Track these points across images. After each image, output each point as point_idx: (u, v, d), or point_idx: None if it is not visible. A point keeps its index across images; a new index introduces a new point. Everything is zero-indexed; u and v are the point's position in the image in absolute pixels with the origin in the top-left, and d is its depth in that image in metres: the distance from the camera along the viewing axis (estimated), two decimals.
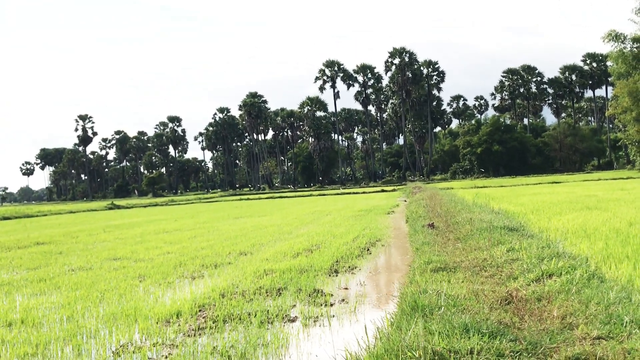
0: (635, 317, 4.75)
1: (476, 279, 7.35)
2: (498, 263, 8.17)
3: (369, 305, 7.88)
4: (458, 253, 9.59)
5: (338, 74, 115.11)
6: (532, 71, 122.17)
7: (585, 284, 6.17)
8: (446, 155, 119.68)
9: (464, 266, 8.32)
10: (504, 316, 5.33)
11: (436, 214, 18.35)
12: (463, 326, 4.82)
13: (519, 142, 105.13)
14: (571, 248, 9.03)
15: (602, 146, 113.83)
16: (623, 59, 64.59)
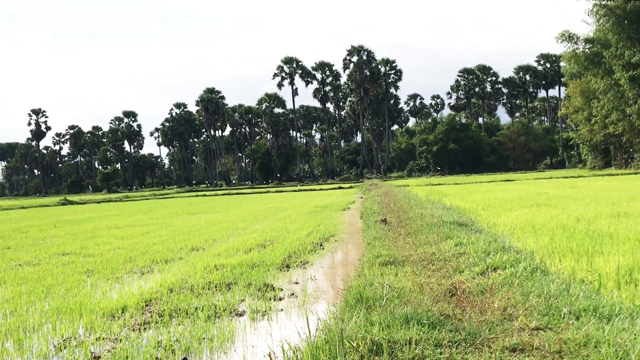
0: (573, 309, 4.84)
1: (423, 272, 7.42)
2: (446, 257, 8.27)
3: (317, 298, 7.90)
4: (408, 247, 9.68)
5: (296, 71, 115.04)
6: (487, 71, 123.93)
7: (528, 277, 6.27)
8: (403, 153, 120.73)
9: (412, 260, 8.39)
10: (447, 308, 5.39)
11: (390, 210, 18.48)
12: (404, 317, 4.86)
13: (474, 140, 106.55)
14: (518, 243, 9.18)
15: (555, 145, 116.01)
16: (576, 60, 65.73)
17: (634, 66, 58.87)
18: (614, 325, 4.33)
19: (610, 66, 61.55)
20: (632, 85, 58.45)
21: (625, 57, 59.52)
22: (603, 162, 76.30)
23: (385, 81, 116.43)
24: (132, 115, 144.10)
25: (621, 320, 4.48)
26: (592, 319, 4.54)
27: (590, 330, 4.23)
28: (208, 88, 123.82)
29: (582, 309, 4.81)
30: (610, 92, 63.65)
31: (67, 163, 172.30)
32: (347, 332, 4.51)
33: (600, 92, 65.85)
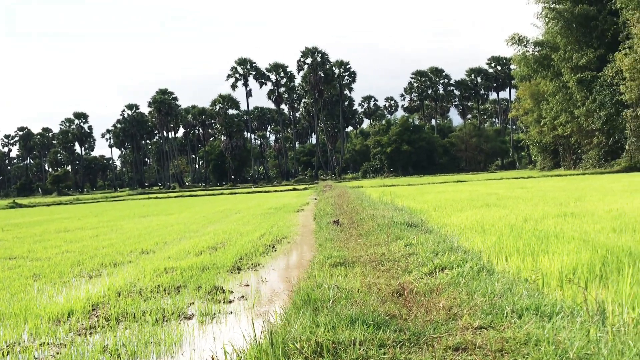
0: (516, 308, 4.92)
1: (373, 273, 7.47)
2: (395, 257, 8.34)
3: (267, 301, 7.87)
4: (359, 248, 9.72)
5: (250, 72, 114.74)
6: (439, 73, 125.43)
7: (475, 277, 6.36)
8: (357, 155, 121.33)
9: (362, 261, 8.44)
10: (393, 308, 5.43)
11: (343, 211, 18.55)
12: (350, 318, 4.89)
13: (427, 142, 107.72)
14: (466, 243, 9.30)
15: (506, 146, 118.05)
16: (525, 62, 67.02)
17: (582, 69, 60.24)
18: (555, 324, 4.41)
19: (559, 69, 62.93)
20: (580, 88, 59.80)
21: (573, 59, 60.89)
22: (552, 162, 77.85)
23: (340, 83, 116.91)
24: (83, 117, 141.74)
25: (561, 318, 4.58)
26: (534, 317, 4.63)
27: (531, 329, 4.31)
28: (161, 89, 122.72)
29: (525, 308, 4.90)
30: (559, 94, 65.01)
31: (16, 165, 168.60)
32: (292, 334, 4.51)
33: (549, 94, 67.22)
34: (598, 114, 58.10)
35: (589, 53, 59.89)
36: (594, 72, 59.21)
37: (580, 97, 60.46)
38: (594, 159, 61.29)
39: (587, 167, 61.66)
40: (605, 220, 11.25)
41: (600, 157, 60.60)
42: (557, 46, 63.41)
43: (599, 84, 57.81)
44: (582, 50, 61.06)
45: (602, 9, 60.71)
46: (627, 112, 53.87)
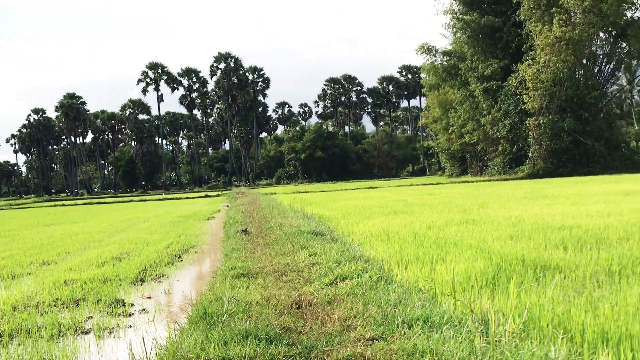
0: (408, 318, 5.03)
1: (275, 284, 7.47)
2: (299, 267, 8.37)
3: (168, 314, 7.75)
4: (264, 259, 9.71)
5: (162, 77, 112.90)
6: (352, 81, 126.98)
7: (373, 287, 6.45)
8: (272, 161, 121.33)
9: (266, 271, 8.43)
10: (289, 321, 5.45)
11: (252, 219, 18.49)
12: (243, 333, 4.88)
13: (341, 148, 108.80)
14: (370, 251, 9.41)
15: (417, 153, 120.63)
16: (434, 71, 68.68)
17: (488, 78, 62.29)
18: (442, 334, 4.54)
19: (466, 78, 64.83)
20: (485, 97, 61.78)
21: (480, 69, 62.89)
22: (460, 169, 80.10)
23: (254, 89, 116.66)
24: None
25: (449, 328, 4.71)
26: (424, 328, 4.74)
27: (419, 340, 4.42)
28: (69, 93, 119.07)
29: (416, 318, 5.00)
30: (466, 103, 66.97)
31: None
32: (183, 350, 4.46)
33: (457, 103, 69.17)
34: (503, 123, 60.17)
35: (494, 63, 62.02)
36: (499, 82, 61.36)
37: (486, 106, 62.51)
38: (499, 165, 63.37)
39: (492, 173, 63.68)
40: (504, 228, 11.60)
41: (505, 164, 62.71)
42: (465, 56, 65.38)
43: (504, 93, 59.92)
44: (488, 60, 63.18)
45: (507, 20, 63.02)
46: (530, 120, 56.02)
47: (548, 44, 53.38)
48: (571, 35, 52.74)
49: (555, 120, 54.61)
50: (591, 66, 60.37)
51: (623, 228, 10.12)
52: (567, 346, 4.16)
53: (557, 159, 55.77)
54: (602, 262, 7.10)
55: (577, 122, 54.99)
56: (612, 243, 8.71)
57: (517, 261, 7.38)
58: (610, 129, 59.68)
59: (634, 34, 54.40)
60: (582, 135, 54.83)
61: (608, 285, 5.97)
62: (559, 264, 7.20)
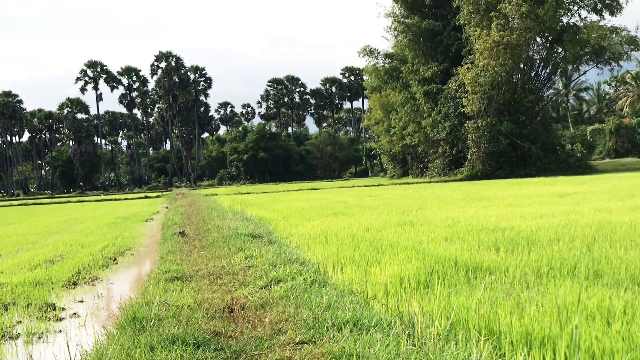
0: (338, 321, 5.04)
1: (209, 287, 7.40)
2: (235, 270, 8.31)
3: (99, 318, 7.60)
4: (200, 261, 9.61)
5: (101, 75, 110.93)
6: (295, 82, 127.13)
7: (307, 289, 6.44)
8: (214, 162, 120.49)
9: (201, 274, 8.34)
10: (220, 325, 5.40)
11: (191, 221, 18.30)
12: (171, 338, 4.81)
13: (284, 149, 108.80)
14: (308, 253, 9.41)
15: (359, 155, 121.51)
16: (376, 74, 69.21)
17: (428, 81, 63.14)
18: (371, 337, 4.56)
19: (407, 81, 65.56)
20: (426, 100, 62.61)
21: (420, 72, 63.71)
22: (401, 171, 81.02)
23: (195, 88, 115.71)
24: None
25: (378, 331, 4.74)
26: (354, 331, 4.76)
27: (347, 343, 4.43)
28: (4, 91, 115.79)
29: (346, 321, 5.00)
30: (407, 105, 67.73)
31: None
32: (108, 356, 4.38)
33: (399, 105, 69.91)
34: (443, 125, 61.07)
35: (434, 66, 62.91)
36: (439, 85, 62.25)
37: (427, 109, 63.35)
38: (439, 167, 64.29)
39: (433, 175, 64.55)
40: (440, 229, 11.75)
41: (445, 165, 63.66)
42: (406, 59, 66.13)
43: (444, 96, 60.83)
44: (429, 63, 64.06)
45: (447, 24, 64.01)
46: (469, 123, 57.01)
47: (486, 48, 54.43)
48: (509, 39, 53.88)
49: (493, 123, 55.69)
50: (528, 70, 61.80)
51: (554, 230, 10.37)
52: (491, 348, 4.23)
53: (495, 161, 56.85)
54: (532, 264, 7.25)
55: (514, 125, 56.17)
56: (542, 245, 8.91)
57: (450, 263, 7.48)
58: (546, 132, 61.16)
59: (569, 39, 55.89)
60: (519, 138, 56.06)
61: (536, 287, 6.10)
62: (491, 265, 7.33)
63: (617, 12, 57.56)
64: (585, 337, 4.20)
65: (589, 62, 60.62)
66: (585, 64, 61.56)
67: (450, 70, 61.00)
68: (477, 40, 55.96)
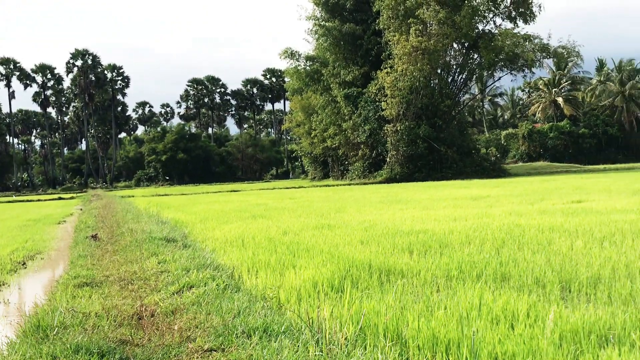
0: (248, 328, 4.98)
1: (120, 293, 7.22)
2: (147, 276, 8.13)
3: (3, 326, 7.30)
4: (111, 266, 9.37)
5: (14, 73, 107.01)
6: (216, 82, 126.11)
7: (219, 295, 6.36)
8: (131, 162, 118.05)
9: (111, 280, 8.13)
10: (128, 333, 5.27)
11: (105, 224, 17.85)
12: (75, 347, 4.66)
13: (204, 150, 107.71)
14: (222, 257, 9.29)
15: (281, 156, 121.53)
16: (298, 76, 69.37)
17: (349, 84, 63.74)
18: (280, 344, 4.53)
19: (328, 83, 65.98)
20: (347, 103, 63.18)
21: (341, 75, 64.25)
22: (322, 173, 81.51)
23: (112, 87, 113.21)
24: None
25: (287, 337, 4.72)
26: (263, 337, 4.72)
27: (255, 351, 4.40)
28: None
29: (256, 328, 4.94)
30: (328, 107, 68.17)
31: None
32: None
33: (319, 108, 70.29)
34: (363, 128, 61.77)
35: (355, 70, 63.56)
36: (359, 88, 62.93)
37: (347, 112, 63.94)
38: (359, 170, 64.99)
39: (353, 177, 65.18)
40: (357, 232, 11.84)
41: (365, 168, 64.39)
42: (327, 62, 66.56)
43: (364, 99, 61.53)
44: (349, 67, 64.68)
45: (367, 28, 64.77)
46: (388, 127, 57.90)
47: (405, 53, 55.38)
48: (427, 45, 54.99)
49: (412, 127, 56.72)
50: (445, 76, 63.26)
51: (465, 233, 10.59)
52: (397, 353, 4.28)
53: (413, 164, 57.90)
54: (443, 267, 7.38)
55: (431, 129, 57.41)
56: (454, 248, 9.09)
57: (365, 266, 7.52)
58: (462, 136, 62.77)
59: (484, 45, 57.49)
60: (437, 142, 57.30)
61: (445, 290, 6.21)
62: (403, 268, 7.42)
63: (531, 20, 59.66)
64: (488, 340, 4.30)
65: (503, 68, 62.56)
66: (500, 70, 63.55)
67: (371, 74, 61.77)
68: (396, 45, 56.88)
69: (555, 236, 9.73)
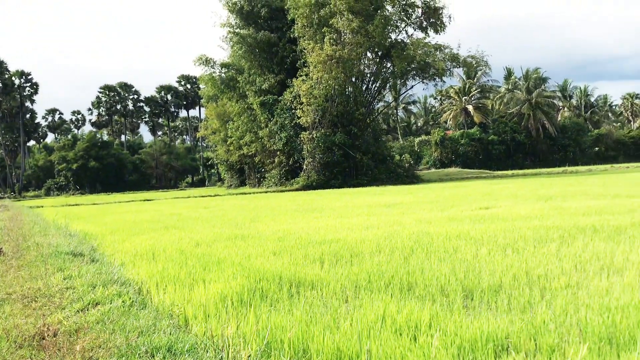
0: (152, 347, 4.90)
1: (22, 312, 6.95)
2: (52, 292, 7.87)
3: None
4: (15, 283, 9.02)
5: None
6: (129, 89, 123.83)
7: (125, 312, 6.23)
8: (41, 171, 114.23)
9: (15, 298, 7.82)
10: (28, 355, 5.08)
11: (11, 237, 17.16)
12: None
13: (117, 158, 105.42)
14: (131, 272, 9.07)
15: (196, 164, 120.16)
16: (213, 83, 68.92)
17: (265, 92, 63.74)
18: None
19: (244, 91, 65.78)
20: (263, 110, 63.16)
21: (257, 83, 64.20)
22: (239, 181, 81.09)
23: (20, 94, 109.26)
24: None
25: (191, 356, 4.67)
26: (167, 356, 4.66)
27: None
28: None
29: (160, 347, 4.85)
30: (244, 115, 67.97)
31: None
32: None
33: (235, 115, 70.00)
34: (279, 136, 61.87)
35: (270, 78, 63.64)
36: (275, 96, 63.01)
37: (264, 119, 63.89)
38: (276, 177, 65.01)
39: (270, 185, 65.13)
40: (270, 242, 11.81)
41: (282, 175, 64.47)
42: (243, 69, 66.35)
43: (280, 107, 61.66)
44: (265, 74, 64.69)
45: (282, 36, 64.94)
46: (304, 134, 58.17)
47: (320, 62, 55.82)
48: (341, 54, 55.64)
49: (327, 134, 57.20)
50: (360, 84, 64.09)
51: (376, 241, 10.75)
52: None
53: (329, 171, 58.37)
54: (352, 277, 7.46)
55: (347, 136, 58.06)
56: (364, 257, 9.20)
57: (275, 278, 7.52)
58: (377, 143, 63.74)
59: (397, 55, 58.60)
60: (352, 149, 57.98)
61: (353, 301, 6.28)
62: (314, 280, 7.45)
63: (441, 30, 61.30)
64: (390, 352, 4.38)
65: (416, 77, 63.96)
66: (412, 79, 64.91)
67: (287, 81, 62.00)
68: (311, 53, 57.26)
69: (462, 244, 10.00)
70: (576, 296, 5.96)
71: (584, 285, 6.46)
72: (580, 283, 6.59)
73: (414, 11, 60.71)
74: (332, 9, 56.26)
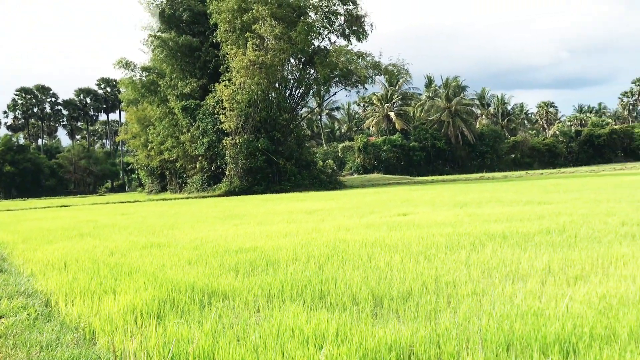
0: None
1: None
2: None
3: None
4: None
5: None
6: (46, 91, 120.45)
7: (30, 326, 6.07)
8: None
9: None
10: None
11: None
12: None
13: (33, 162, 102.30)
14: (40, 283, 8.81)
15: (116, 169, 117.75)
16: (133, 87, 67.76)
17: (187, 96, 63.10)
18: None
19: (165, 95, 64.91)
20: (184, 115, 62.48)
21: (179, 87, 63.50)
22: (160, 186, 79.85)
23: None
24: None
25: None
26: None
27: None
28: None
29: None
30: (165, 119, 67.07)
31: None
32: None
33: (156, 119, 69.00)
34: (201, 141, 61.30)
35: (193, 82, 63.03)
36: (197, 101, 62.42)
37: (185, 124, 63.18)
38: (198, 183, 64.30)
39: (191, 191, 64.35)
40: (186, 251, 11.67)
41: (204, 181, 63.82)
42: (164, 73, 65.46)
43: (202, 112, 61.11)
44: (187, 79, 64.02)
45: (205, 41, 64.43)
46: (227, 140, 57.81)
47: (243, 67, 55.65)
48: (264, 59, 55.61)
49: (251, 140, 57.03)
50: (283, 90, 64.22)
51: (293, 249, 10.78)
52: None
53: (252, 177, 58.19)
54: (265, 286, 7.45)
55: (270, 142, 58.03)
56: (280, 266, 9.21)
57: (188, 289, 7.43)
58: (300, 149, 63.89)
59: (320, 61, 59.00)
60: (275, 155, 57.99)
61: (264, 311, 6.28)
62: (227, 290, 7.40)
63: (363, 38, 62.17)
64: None
65: (339, 83, 64.53)
66: (335, 86, 65.46)
67: (209, 86, 61.49)
68: (233, 58, 57.03)
69: (377, 251, 10.14)
70: (481, 303, 6.14)
71: (489, 292, 6.65)
72: (485, 290, 6.78)
73: (336, 19, 61.33)
74: (255, 14, 56.17)
